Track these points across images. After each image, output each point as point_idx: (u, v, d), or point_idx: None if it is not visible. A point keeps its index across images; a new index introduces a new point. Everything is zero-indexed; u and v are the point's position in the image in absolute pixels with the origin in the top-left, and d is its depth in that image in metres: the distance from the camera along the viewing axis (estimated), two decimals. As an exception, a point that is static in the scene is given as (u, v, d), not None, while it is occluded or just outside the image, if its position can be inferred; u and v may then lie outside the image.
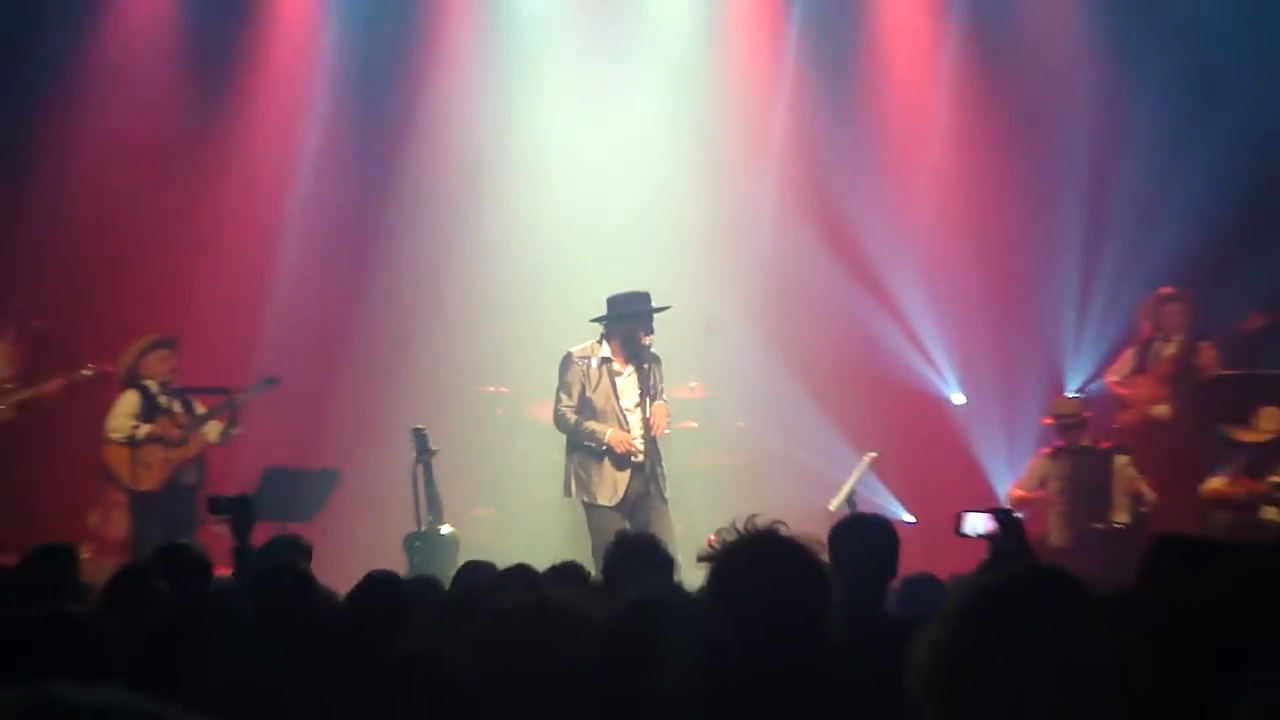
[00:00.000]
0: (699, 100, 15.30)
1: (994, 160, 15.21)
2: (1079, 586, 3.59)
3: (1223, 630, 3.15)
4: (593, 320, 12.29)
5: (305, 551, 7.99)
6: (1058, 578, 3.75)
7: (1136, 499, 13.04)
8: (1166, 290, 14.00)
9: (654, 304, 12.27)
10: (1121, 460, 13.15)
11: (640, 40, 15.48)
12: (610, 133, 15.23)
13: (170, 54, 15.32)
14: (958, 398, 15.08)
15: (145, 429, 13.07)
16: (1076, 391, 14.21)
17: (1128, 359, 14.18)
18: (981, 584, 3.62)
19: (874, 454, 13.46)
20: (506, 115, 15.30)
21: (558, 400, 12.23)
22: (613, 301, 12.26)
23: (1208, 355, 13.81)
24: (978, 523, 7.64)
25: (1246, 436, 12.90)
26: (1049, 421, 13.67)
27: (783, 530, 4.12)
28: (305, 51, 15.47)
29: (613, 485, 12.02)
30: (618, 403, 12.12)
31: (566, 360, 12.23)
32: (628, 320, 12.16)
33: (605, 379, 12.16)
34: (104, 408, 13.31)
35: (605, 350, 12.21)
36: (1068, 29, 15.11)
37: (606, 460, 12.04)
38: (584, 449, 12.12)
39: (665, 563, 6.78)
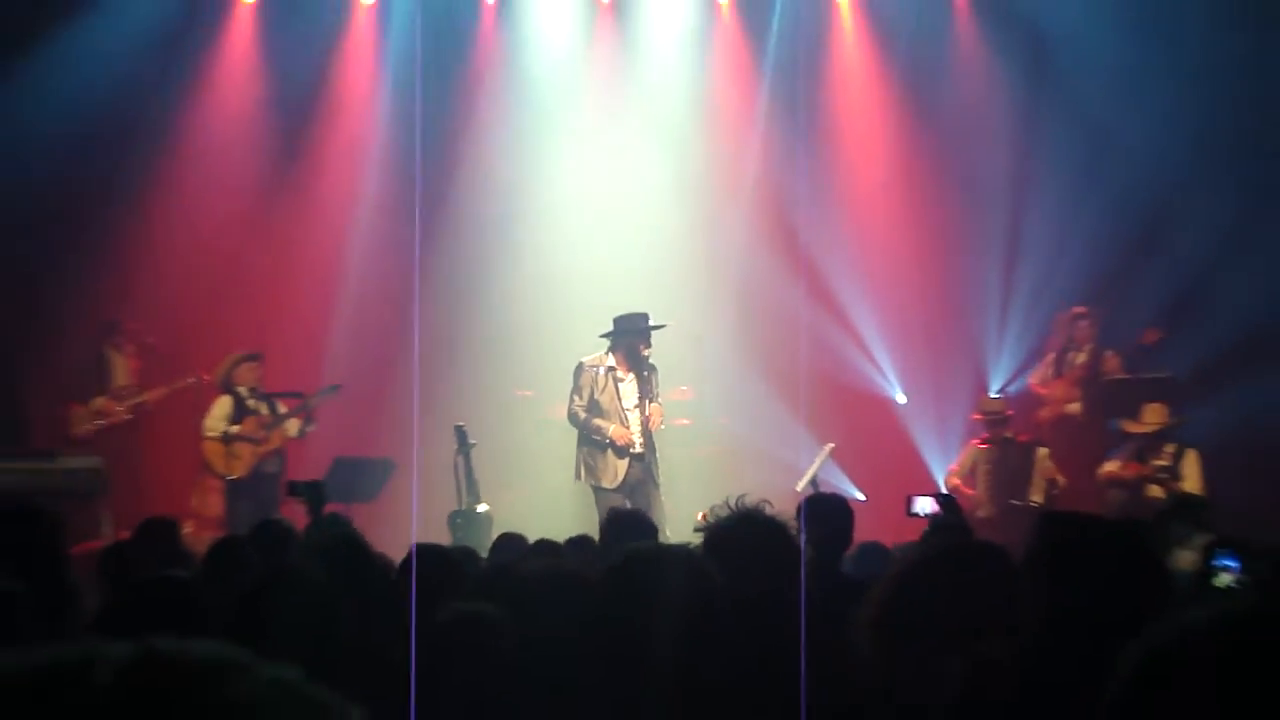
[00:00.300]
0: (686, 154, 15.31)
1: (929, 198, 15.28)
2: (1002, 554, 3.61)
3: (1097, 594, 3.16)
4: (601, 335, 12.33)
5: (345, 523, 7.99)
6: (985, 548, 3.77)
7: (1051, 483, 13.06)
8: (1079, 309, 14.12)
9: (652, 322, 12.31)
10: (1043, 452, 13.16)
11: (639, 106, 15.49)
12: (615, 182, 15.26)
13: (257, 119, 15.35)
14: (900, 397, 15.08)
15: (235, 429, 13.14)
16: (998, 392, 14.24)
17: (1047, 365, 14.25)
18: (920, 552, 3.65)
19: (832, 444, 13.47)
20: (530, 169, 15.32)
21: (571, 401, 12.31)
22: (618, 320, 12.31)
23: (1112, 363, 13.90)
24: (924, 504, 7.78)
25: (1135, 428, 12.93)
26: (977, 417, 13.69)
27: (766, 509, 4.16)
28: (366, 116, 15.51)
29: (614, 471, 12.10)
30: (620, 404, 12.18)
31: (579, 368, 12.31)
32: (630, 335, 12.22)
33: (611, 384, 12.22)
34: (202, 410, 13.39)
35: (611, 360, 12.27)
36: (990, 91, 15.16)
37: (610, 451, 12.10)
38: (592, 441, 12.19)
39: (650, 531, 6.83)
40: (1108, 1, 14.34)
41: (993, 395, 13.99)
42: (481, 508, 12.74)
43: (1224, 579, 4.46)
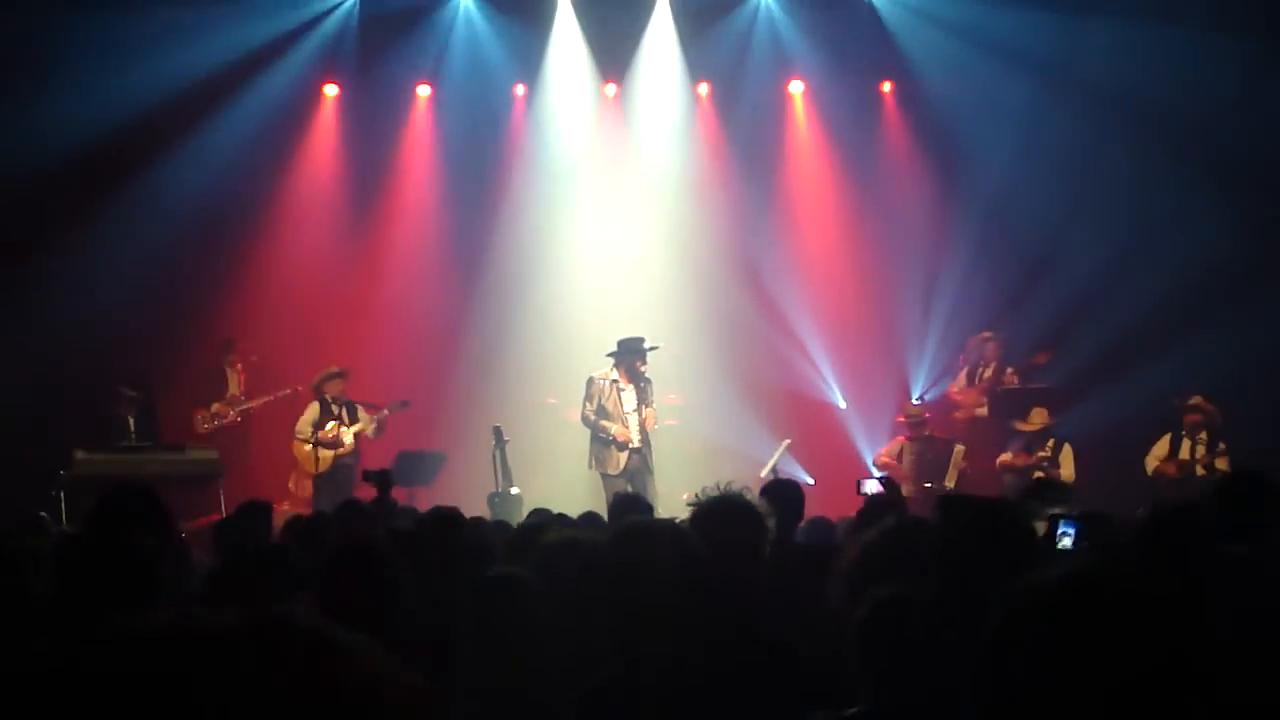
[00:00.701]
0: (674, 213, 15.32)
1: (864, 246, 15.28)
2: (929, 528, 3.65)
3: (981, 553, 3.24)
4: (607, 354, 12.34)
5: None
6: (919, 523, 3.80)
7: (963, 473, 13.08)
8: (987, 333, 14.17)
9: (647, 344, 12.34)
10: (959, 449, 13.20)
11: (637, 176, 15.52)
12: (618, 235, 15.30)
13: (340, 184, 15.42)
14: (841, 402, 15.07)
15: (320, 433, 13.17)
16: (918, 399, 14.24)
17: (962, 378, 14.29)
18: (877, 530, 3.70)
19: (788, 440, 13.51)
20: (552, 225, 15.36)
21: (583, 407, 12.35)
22: (621, 342, 12.33)
23: (1012, 378, 13.91)
24: (871, 485, 7.90)
25: (1024, 427, 12.97)
26: (901, 419, 13.72)
27: (745, 492, 4.20)
28: (424, 182, 15.53)
29: (617, 462, 12.13)
30: (622, 409, 12.21)
31: (590, 381, 12.36)
32: (630, 354, 12.24)
33: (615, 393, 12.25)
34: (298, 414, 13.43)
35: (615, 374, 12.28)
36: (912, 163, 15.24)
37: (613, 446, 12.10)
38: (600, 439, 12.23)
39: (646, 510, 6.86)
40: (999, 98, 14.41)
41: (914, 402, 14.02)
42: (514, 490, 12.75)
43: (1065, 542, 4.61)
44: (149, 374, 13.54)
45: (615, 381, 12.32)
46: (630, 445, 12.18)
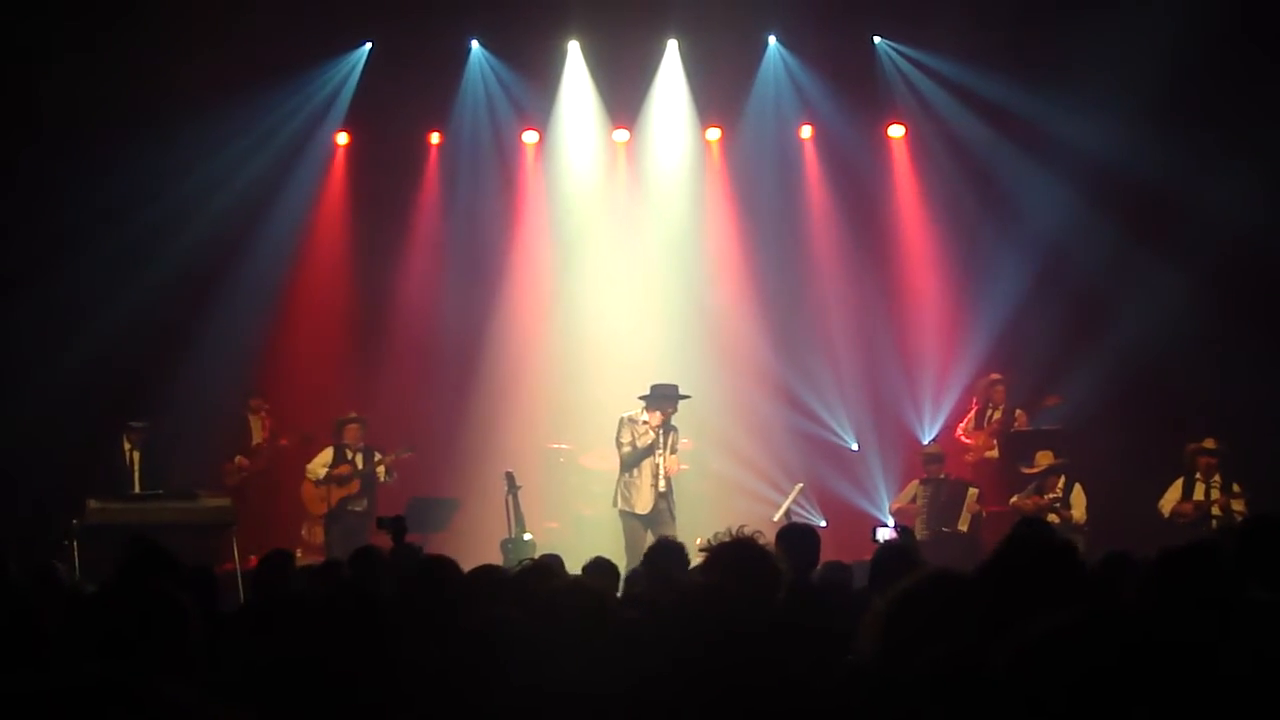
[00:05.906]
0: (686, 257, 15.37)
1: (872, 291, 15.27)
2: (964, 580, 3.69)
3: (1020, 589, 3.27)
4: (639, 397, 12.33)
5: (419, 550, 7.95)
6: (948, 579, 3.83)
7: (975, 515, 13.04)
8: (995, 376, 14.13)
9: (679, 393, 12.35)
10: (973, 492, 13.18)
11: (649, 221, 15.57)
12: (630, 280, 15.32)
13: (354, 239, 15.52)
14: (853, 445, 15.03)
15: (328, 472, 13.24)
16: (931, 440, 14.23)
17: (970, 419, 14.26)
18: (910, 581, 3.75)
19: (801, 484, 13.51)
20: (565, 272, 15.43)
21: (620, 443, 12.29)
22: (654, 387, 12.39)
23: (1021, 419, 13.89)
24: (884, 533, 8.00)
25: (1031, 470, 12.97)
26: (919, 460, 13.78)
27: (759, 537, 4.23)
28: (437, 235, 15.59)
29: (646, 501, 12.14)
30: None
31: (623, 419, 12.44)
32: (660, 400, 12.25)
33: (645, 434, 12.24)
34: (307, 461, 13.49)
35: (644, 416, 12.25)
36: (918, 208, 15.30)
37: (645, 483, 12.14)
38: (629, 477, 12.23)
39: (684, 559, 6.73)
40: (999, 141, 14.54)
41: (928, 442, 14.03)
42: (527, 536, 12.78)
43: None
44: (165, 423, 13.56)
45: (645, 423, 12.33)
46: (657, 486, 12.19)
